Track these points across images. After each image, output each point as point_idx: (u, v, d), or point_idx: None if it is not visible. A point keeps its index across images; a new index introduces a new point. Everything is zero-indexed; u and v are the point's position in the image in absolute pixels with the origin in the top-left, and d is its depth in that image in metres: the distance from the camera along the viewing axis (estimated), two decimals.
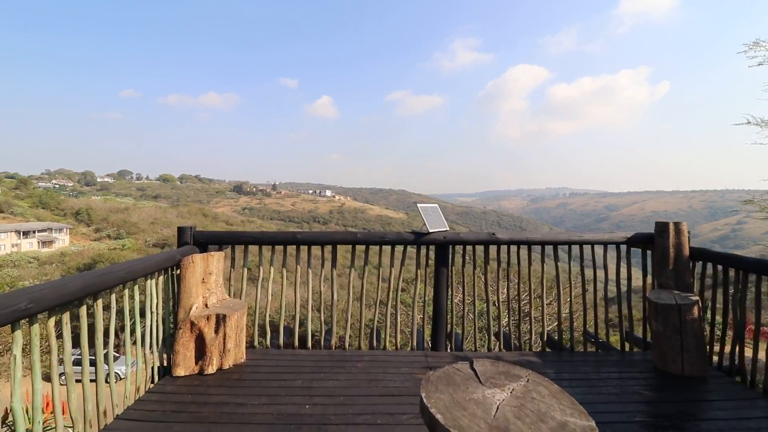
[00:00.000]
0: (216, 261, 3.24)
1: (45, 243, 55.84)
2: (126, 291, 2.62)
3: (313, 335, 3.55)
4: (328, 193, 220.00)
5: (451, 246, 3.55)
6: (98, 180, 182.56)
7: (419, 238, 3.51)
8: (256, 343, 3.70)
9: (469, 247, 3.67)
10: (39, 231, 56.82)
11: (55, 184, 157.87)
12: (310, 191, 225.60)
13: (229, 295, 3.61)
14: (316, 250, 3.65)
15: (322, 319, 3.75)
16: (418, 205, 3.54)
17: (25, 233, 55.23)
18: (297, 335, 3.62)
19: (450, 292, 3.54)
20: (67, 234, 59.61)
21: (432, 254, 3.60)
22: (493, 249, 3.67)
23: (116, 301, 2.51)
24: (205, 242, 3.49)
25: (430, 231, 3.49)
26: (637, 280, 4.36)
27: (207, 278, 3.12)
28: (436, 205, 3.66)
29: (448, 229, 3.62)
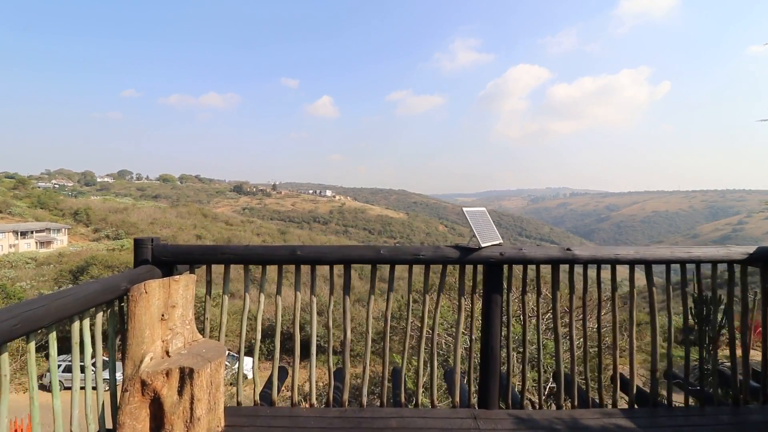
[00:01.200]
0: (183, 288, 2.31)
1: (43, 243, 55.09)
2: (31, 345, 1.70)
3: (317, 386, 2.57)
4: (329, 193, 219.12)
5: (507, 266, 2.62)
6: (98, 180, 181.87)
7: (466, 256, 2.57)
8: (240, 398, 2.74)
9: (530, 268, 2.73)
10: (37, 231, 56.09)
11: (55, 184, 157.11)
12: (311, 191, 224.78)
13: (202, 333, 2.67)
14: (322, 268, 2.73)
15: (331, 365, 2.81)
16: (465, 209, 2.61)
17: (23, 233, 54.49)
18: (296, 387, 2.70)
19: (506, 329, 2.62)
20: (65, 234, 58.83)
21: (480, 276, 2.66)
22: (563, 270, 2.72)
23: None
24: (170, 260, 2.55)
25: (482, 245, 2.55)
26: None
27: (169, 313, 2.20)
28: (484, 209, 2.73)
29: (502, 242, 2.67)
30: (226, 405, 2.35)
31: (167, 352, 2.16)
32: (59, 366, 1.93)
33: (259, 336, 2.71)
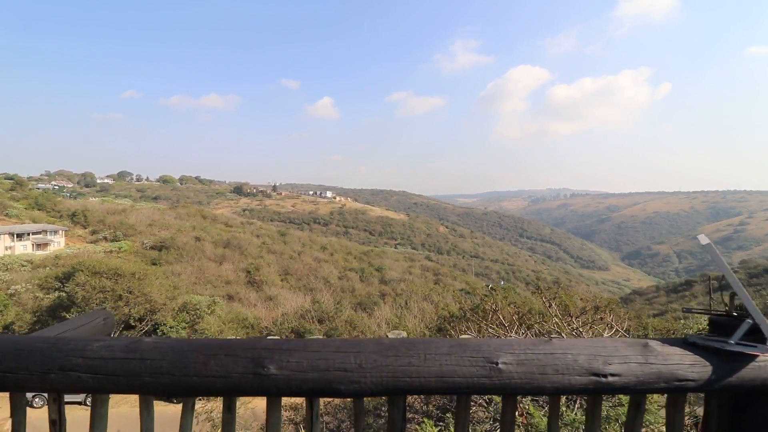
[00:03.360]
0: None
1: (39, 245, 54.47)
2: None
3: None
4: (329, 194, 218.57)
5: None
6: (98, 181, 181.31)
7: (728, 374, 1.23)
8: None
9: None
10: (33, 233, 55.49)
11: (55, 185, 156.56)
12: (311, 192, 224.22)
13: None
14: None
15: None
16: (700, 237, 1.34)
17: (19, 235, 53.85)
18: None
19: None
20: (62, 236, 58.23)
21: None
22: None
23: None
24: None
25: None
26: None
27: None
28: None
29: None
30: None
31: None
32: None
33: None
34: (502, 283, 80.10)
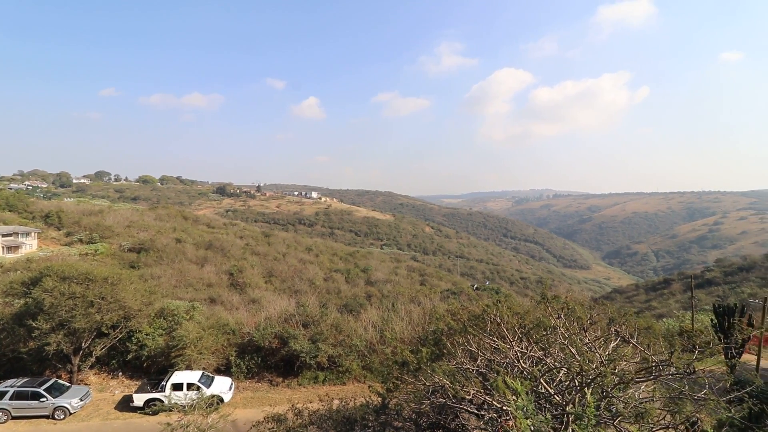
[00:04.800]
0: None
1: (10, 248, 52.10)
2: None
3: None
4: (314, 194, 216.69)
5: None
6: (74, 181, 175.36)
7: None
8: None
9: None
10: (4, 235, 53.06)
11: (28, 185, 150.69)
12: (296, 193, 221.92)
13: None
14: None
15: None
16: None
17: None
18: None
19: None
20: (35, 238, 55.85)
21: None
22: None
23: None
24: None
25: None
26: None
27: None
28: None
29: None
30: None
31: None
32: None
33: None
34: (488, 283, 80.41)
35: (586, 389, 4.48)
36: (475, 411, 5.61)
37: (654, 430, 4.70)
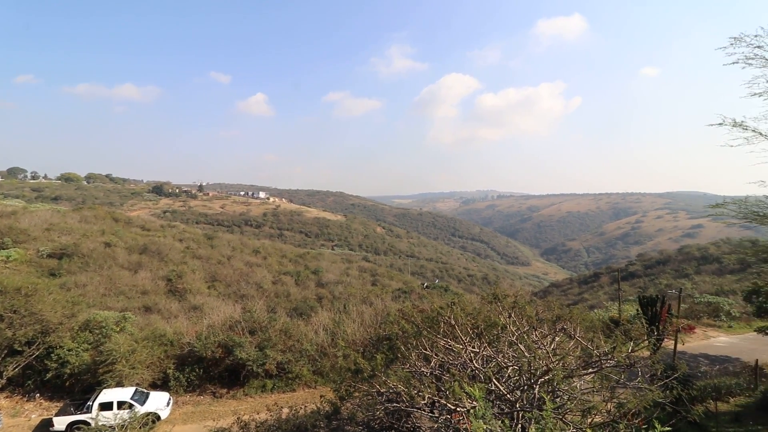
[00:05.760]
0: None
1: None
2: None
3: None
4: (262, 194, 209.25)
5: None
6: None
7: None
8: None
9: None
10: None
11: None
12: (242, 193, 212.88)
13: None
14: None
15: None
16: None
17: None
18: None
19: None
20: None
21: None
22: None
23: None
24: None
25: None
26: None
27: None
28: None
29: None
30: None
31: None
32: None
33: None
34: (437, 281, 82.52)
35: (535, 386, 4.61)
36: (429, 412, 5.57)
37: (595, 419, 4.95)
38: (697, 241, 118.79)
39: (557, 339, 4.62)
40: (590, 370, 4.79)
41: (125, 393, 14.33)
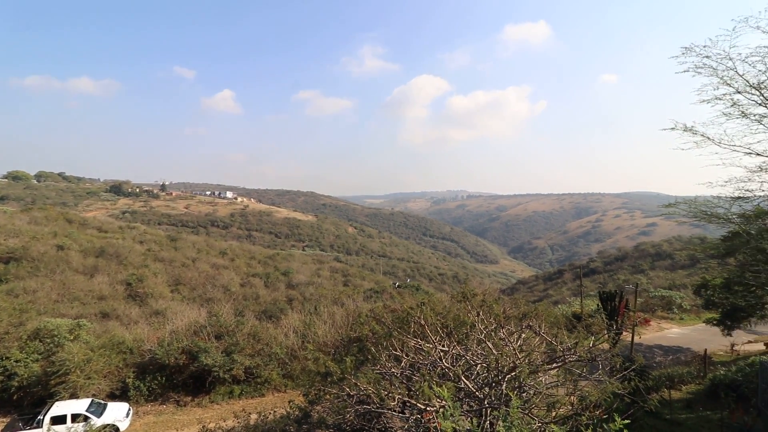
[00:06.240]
0: None
1: None
2: None
3: None
4: (230, 194, 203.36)
5: None
6: None
7: None
8: None
9: None
10: None
11: None
12: (208, 192, 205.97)
13: None
14: None
15: None
16: None
17: None
18: None
19: None
20: None
21: None
22: None
23: None
24: None
25: None
26: None
27: None
28: None
29: None
30: None
31: None
32: None
33: None
34: (408, 280, 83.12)
35: (502, 382, 4.72)
36: (399, 413, 5.58)
37: (560, 412, 5.13)
38: (652, 238, 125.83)
39: (523, 336, 4.77)
40: (555, 364, 4.97)
41: (80, 405, 13.50)
